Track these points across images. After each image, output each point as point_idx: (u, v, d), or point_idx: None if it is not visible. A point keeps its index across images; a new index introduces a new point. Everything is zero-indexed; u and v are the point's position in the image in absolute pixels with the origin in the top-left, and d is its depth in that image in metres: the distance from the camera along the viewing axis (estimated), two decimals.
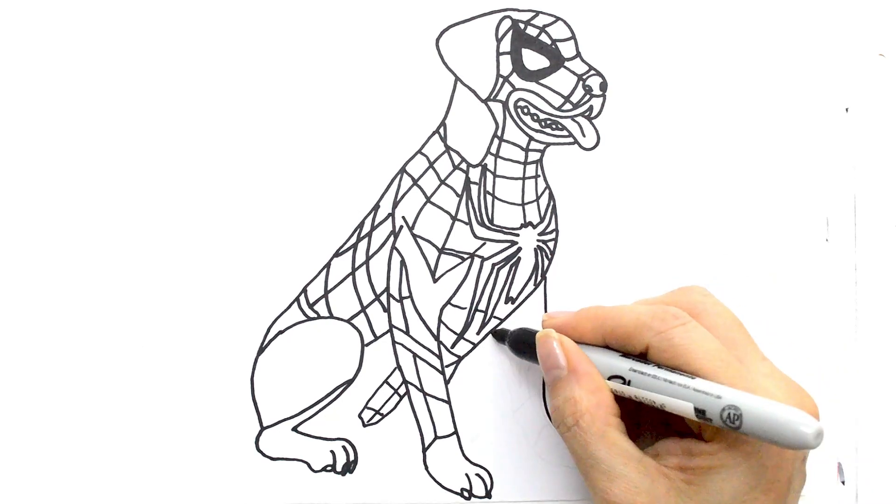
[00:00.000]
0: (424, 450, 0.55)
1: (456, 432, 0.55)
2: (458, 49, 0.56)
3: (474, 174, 0.55)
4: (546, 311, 0.55)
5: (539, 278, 0.56)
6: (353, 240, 0.55)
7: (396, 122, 0.55)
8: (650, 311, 0.48)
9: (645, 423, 0.51)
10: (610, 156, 0.56)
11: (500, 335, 0.55)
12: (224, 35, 0.55)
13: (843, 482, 0.56)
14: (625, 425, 0.47)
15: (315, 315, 0.55)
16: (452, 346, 0.55)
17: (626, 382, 0.47)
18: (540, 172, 0.56)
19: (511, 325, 0.55)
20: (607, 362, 0.48)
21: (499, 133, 0.55)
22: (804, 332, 0.56)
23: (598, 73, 0.56)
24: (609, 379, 0.48)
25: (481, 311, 0.55)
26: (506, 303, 0.55)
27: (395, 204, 0.55)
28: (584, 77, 0.56)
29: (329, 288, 0.55)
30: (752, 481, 0.44)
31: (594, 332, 0.49)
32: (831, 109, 0.57)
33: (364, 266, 0.55)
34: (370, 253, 0.55)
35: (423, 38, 0.56)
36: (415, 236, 0.55)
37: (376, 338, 0.55)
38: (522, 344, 0.53)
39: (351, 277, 0.55)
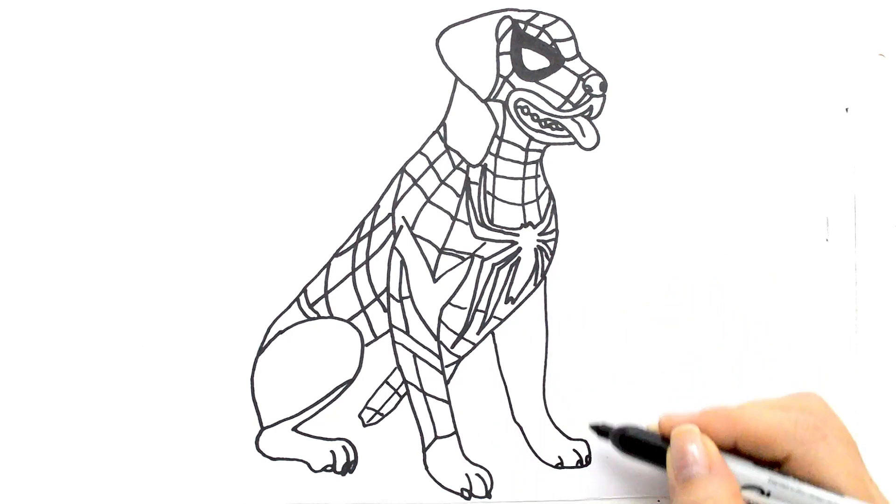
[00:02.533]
0: (424, 450, 0.55)
1: (456, 432, 0.55)
2: (458, 49, 0.56)
3: (474, 174, 0.55)
4: (546, 311, 0.55)
5: (539, 278, 0.56)
6: (353, 240, 0.55)
7: (396, 122, 0.55)
8: (793, 420, 0.46)
9: None
10: (610, 156, 0.56)
11: (601, 431, 0.51)
12: (224, 35, 0.55)
13: None
14: None
15: (315, 315, 0.55)
16: (452, 346, 0.55)
17: (765, 494, 0.46)
18: (540, 172, 0.56)
19: (512, 324, 0.55)
20: (743, 472, 0.47)
21: (499, 133, 0.55)
22: (804, 332, 0.56)
23: (598, 73, 0.56)
24: (743, 489, 0.46)
25: (481, 311, 0.55)
26: (506, 303, 0.55)
27: (395, 204, 0.55)
28: (584, 77, 0.56)
29: (329, 288, 0.55)
30: None
31: (726, 433, 0.47)
32: (831, 109, 0.57)
33: (364, 266, 0.55)
34: (370, 253, 0.55)
35: (423, 38, 0.56)
36: (415, 236, 0.55)
37: (376, 338, 0.55)
38: (634, 441, 0.50)
39: (351, 277, 0.55)
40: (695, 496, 0.46)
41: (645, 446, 0.49)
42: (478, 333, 0.55)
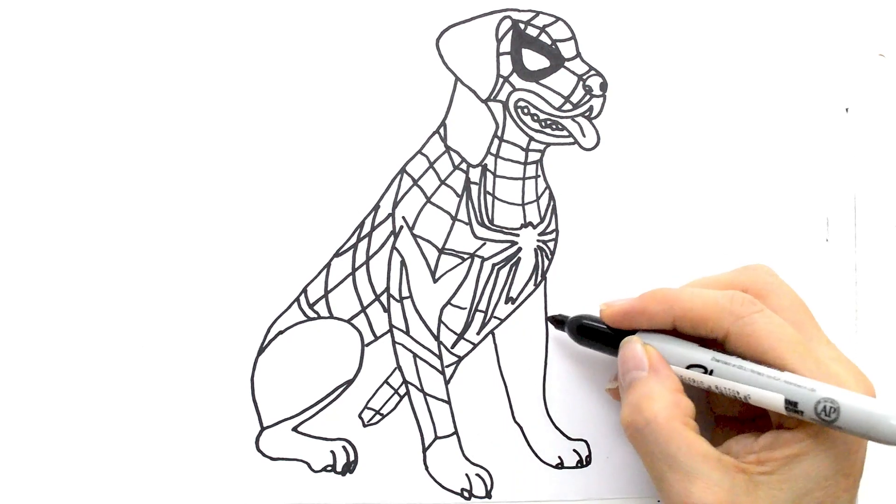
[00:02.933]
0: (424, 450, 0.55)
1: (456, 432, 0.55)
2: (459, 49, 0.56)
3: (474, 174, 0.55)
4: (546, 311, 0.55)
5: (539, 278, 0.56)
6: (354, 240, 0.55)
7: (396, 122, 0.55)
8: (728, 296, 0.47)
9: (717, 412, 0.51)
10: (610, 156, 0.56)
11: (558, 321, 0.54)
12: (224, 35, 0.55)
13: None
14: (698, 429, 0.47)
15: (315, 315, 0.55)
16: (452, 347, 0.55)
17: (708, 372, 0.47)
18: (540, 172, 0.56)
19: (512, 324, 0.55)
20: (686, 352, 0.48)
21: (499, 133, 0.56)
22: None
23: (598, 74, 0.56)
24: (688, 368, 0.47)
25: (481, 311, 0.55)
26: (506, 303, 0.56)
27: (396, 204, 0.55)
28: (584, 77, 0.56)
29: (329, 288, 0.55)
30: (835, 465, 0.44)
31: (663, 315, 0.48)
32: (831, 109, 0.57)
33: (364, 266, 0.55)
34: (370, 253, 0.55)
35: (423, 38, 0.56)
36: (415, 236, 0.55)
37: (376, 338, 0.55)
38: (588, 331, 0.52)
39: (351, 277, 0.55)
40: (635, 396, 0.47)
41: (598, 334, 0.51)
42: (478, 333, 0.55)
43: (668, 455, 0.45)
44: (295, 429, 0.54)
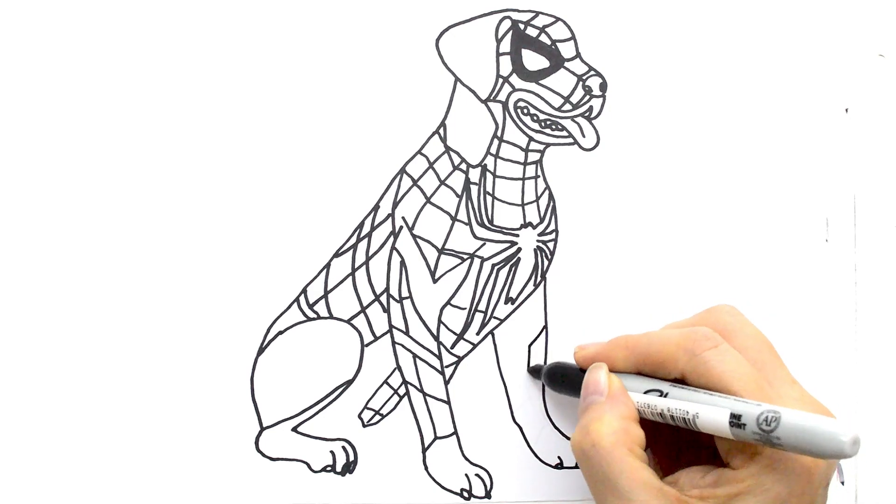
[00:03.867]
0: (424, 450, 0.55)
1: (456, 432, 0.55)
2: (458, 49, 0.56)
3: (474, 175, 0.55)
4: (546, 311, 0.55)
5: (539, 279, 0.56)
6: (353, 240, 0.55)
7: (396, 122, 0.55)
8: (682, 334, 0.47)
9: (665, 455, 0.51)
10: (610, 156, 0.56)
11: (535, 371, 0.55)
12: (224, 35, 0.55)
13: (842, 482, 0.56)
14: (649, 459, 0.47)
15: (315, 315, 0.55)
16: (452, 347, 0.55)
17: (664, 395, 0.47)
18: (540, 173, 0.56)
19: (511, 325, 0.55)
20: (646, 385, 0.48)
21: (498, 133, 0.55)
22: (804, 332, 0.56)
23: (598, 74, 0.56)
24: (646, 393, 0.47)
25: (481, 311, 0.55)
26: (505, 303, 0.56)
27: (395, 204, 0.55)
28: (584, 77, 0.56)
29: (329, 288, 0.55)
30: None
31: (626, 360, 0.49)
32: (831, 109, 0.57)
33: (364, 266, 0.55)
34: (370, 253, 0.55)
35: (423, 38, 0.56)
36: (415, 237, 0.55)
37: (376, 338, 0.55)
38: (560, 377, 0.53)
39: (351, 278, 0.55)
40: (586, 419, 0.47)
41: (569, 380, 0.52)
42: (477, 334, 0.55)
43: (610, 479, 0.45)
44: (294, 429, 0.54)
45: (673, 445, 0.51)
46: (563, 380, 0.53)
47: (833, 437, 0.40)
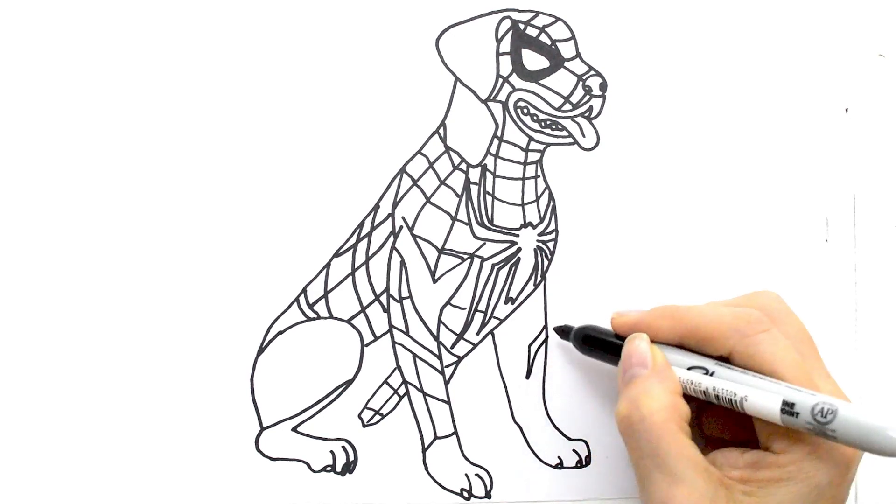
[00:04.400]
0: (424, 450, 0.55)
1: (456, 432, 0.55)
2: (458, 49, 0.56)
3: (474, 174, 0.55)
4: (546, 311, 0.55)
5: (539, 278, 0.56)
6: (353, 240, 0.55)
7: (396, 122, 0.55)
8: (734, 314, 0.47)
9: (706, 433, 0.51)
10: (610, 156, 0.56)
11: (563, 331, 0.54)
12: (224, 35, 0.55)
13: None
14: (692, 434, 0.46)
15: (315, 315, 0.55)
16: (452, 347, 0.55)
17: (710, 374, 0.46)
18: (540, 173, 0.56)
19: (511, 324, 0.55)
20: (690, 357, 0.48)
21: (498, 133, 0.56)
22: None
23: (598, 74, 0.56)
24: (689, 369, 0.47)
25: (481, 311, 0.55)
26: (505, 303, 0.56)
27: (395, 204, 0.55)
28: (584, 77, 0.56)
29: (329, 288, 0.55)
30: (815, 495, 0.44)
31: (671, 331, 0.48)
32: (831, 109, 0.57)
33: (364, 266, 0.55)
34: (370, 253, 0.55)
35: (423, 38, 0.56)
36: (415, 236, 0.55)
37: (376, 338, 0.55)
38: (593, 341, 0.52)
39: (351, 278, 0.55)
40: (633, 392, 0.47)
41: (602, 344, 0.51)
42: (477, 334, 0.55)
43: (658, 455, 0.45)
44: (294, 429, 0.54)
45: (698, 421, 0.50)
46: (597, 344, 0.52)
47: (888, 433, 0.40)
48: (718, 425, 0.51)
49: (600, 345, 0.52)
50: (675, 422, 0.45)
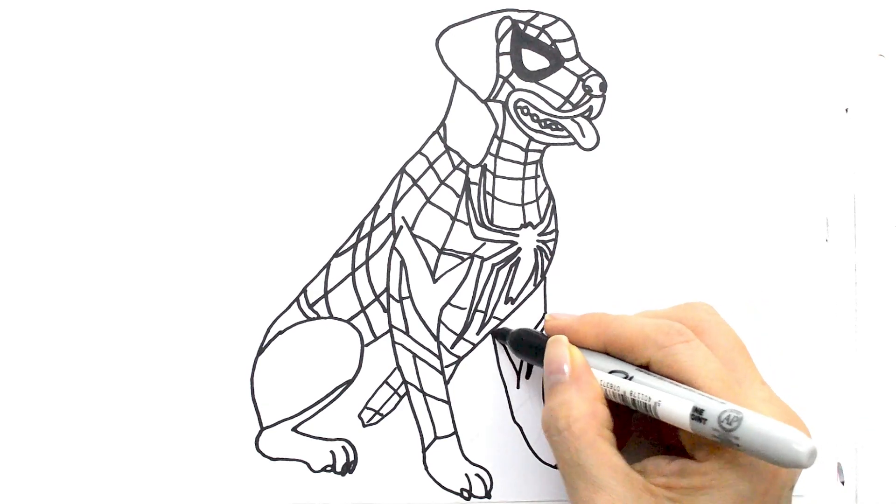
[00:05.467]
0: (424, 450, 0.55)
1: (456, 432, 0.55)
2: (458, 49, 0.56)
3: (474, 174, 0.55)
4: (546, 311, 0.56)
5: (539, 278, 0.56)
6: (353, 240, 0.55)
7: (396, 122, 0.55)
8: (654, 325, 0.47)
9: (634, 439, 0.51)
10: (610, 156, 0.56)
11: (500, 334, 0.55)
12: (224, 35, 0.55)
13: (842, 482, 0.56)
14: (615, 440, 0.47)
15: (315, 315, 0.55)
16: (452, 347, 0.55)
17: (629, 378, 0.47)
18: (540, 173, 0.56)
19: (511, 324, 0.55)
20: (612, 365, 0.48)
21: (498, 133, 0.56)
22: (804, 333, 0.56)
23: (598, 74, 0.56)
24: (610, 373, 0.48)
25: (481, 311, 0.55)
26: (505, 303, 0.56)
27: (395, 204, 0.55)
28: (584, 77, 0.56)
29: (329, 288, 0.55)
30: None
31: (596, 338, 0.49)
32: (831, 109, 0.57)
33: (364, 266, 0.55)
34: (370, 253, 0.55)
35: (423, 38, 0.56)
36: (415, 237, 0.55)
37: (376, 338, 0.55)
38: (523, 344, 0.53)
39: (351, 278, 0.55)
40: (554, 402, 0.48)
41: (533, 347, 0.52)
42: (477, 334, 0.55)
43: (579, 464, 0.45)
44: (294, 429, 0.54)
45: (628, 423, 0.51)
46: (528, 348, 0.53)
47: (790, 446, 0.40)
48: (654, 431, 0.51)
49: (533, 349, 0.52)
50: (595, 429, 0.46)
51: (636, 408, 0.46)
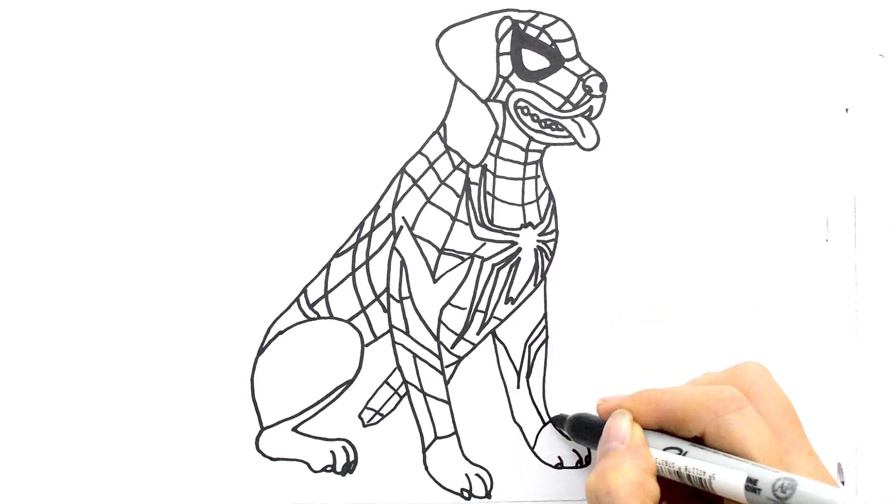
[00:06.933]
0: (424, 450, 0.55)
1: (456, 432, 0.55)
2: (458, 49, 0.56)
3: (474, 174, 0.55)
4: (546, 310, 0.55)
5: (539, 278, 0.56)
6: (353, 240, 0.55)
7: (396, 122, 0.55)
8: (707, 393, 0.47)
9: None
10: (610, 156, 0.56)
11: (558, 421, 0.55)
12: (224, 35, 0.55)
13: (842, 482, 0.56)
14: None
15: (315, 315, 0.55)
16: (452, 347, 0.55)
17: (683, 453, 0.46)
18: (540, 173, 0.56)
19: (511, 327, 0.55)
20: (666, 442, 0.48)
21: (499, 133, 0.56)
22: (804, 332, 0.56)
23: (598, 74, 0.56)
24: (665, 450, 0.47)
25: (481, 311, 0.55)
26: (506, 303, 0.56)
27: (395, 204, 0.55)
28: (584, 77, 0.56)
29: (329, 288, 0.55)
30: None
31: (649, 416, 0.48)
32: (831, 109, 0.57)
33: (364, 266, 0.55)
34: (370, 253, 0.55)
35: (423, 38, 0.56)
36: (415, 237, 0.55)
37: (376, 338, 0.55)
38: (583, 428, 0.52)
39: (351, 278, 0.55)
40: (605, 465, 0.47)
41: (593, 431, 0.51)
42: (477, 334, 0.55)
43: None
44: (295, 429, 0.54)
45: None
46: (587, 432, 0.52)
47: None
48: None
49: (592, 432, 0.51)
50: (640, 498, 0.45)
51: (692, 483, 0.46)
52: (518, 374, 0.55)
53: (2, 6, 0.54)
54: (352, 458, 0.54)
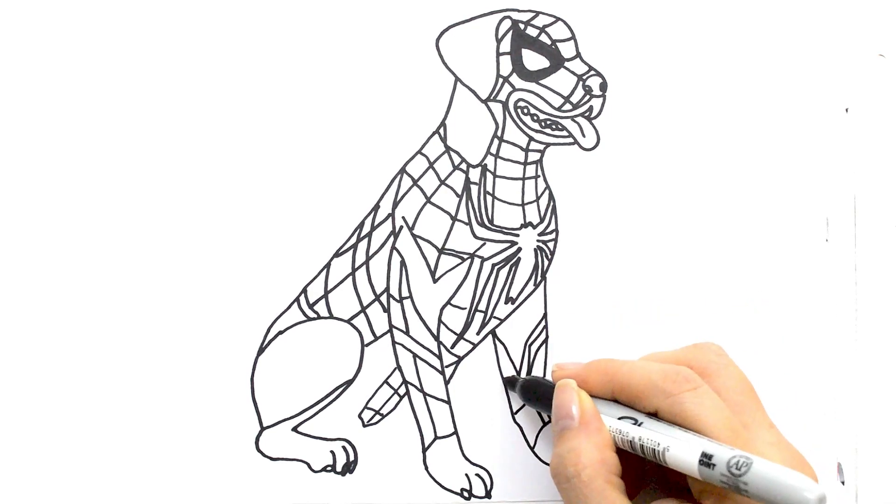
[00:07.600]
0: (424, 450, 0.55)
1: (456, 432, 0.55)
2: (458, 49, 0.56)
3: (474, 174, 0.55)
4: (546, 310, 0.56)
5: (539, 278, 0.56)
6: (353, 240, 0.55)
7: (396, 122, 0.55)
8: (661, 372, 0.47)
9: (643, 486, 0.51)
10: (610, 156, 0.56)
11: (510, 382, 0.55)
12: (224, 35, 0.55)
13: (842, 482, 0.56)
14: (625, 486, 0.46)
15: (315, 315, 0.55)
16: (452, 347, 0.55)
17: (639, 424, 0.46)
18: (540, 173, 0.56)
19: (510, 328, 0.55)
20: (620, 411, 0.48)
21: (499, 133, 0.56)
22: (804, 332, 0.56)
23: (598, 74, 0.56)
24: (620, 419, 0.47)
25: (481, 311, 0.55)
26: (506, 303, 0.56)
27: (395, 204, 0.55)
28: (584, 77, 0.56)
29: (329, 288, 0.55)
30: None
31: (603, 386, 0.49)
32: (831, 109, 0.57)
33: (364, 266, 0.55)
34: (370, 253, 0.55)
35: (423, 38, 0.56)
36: (415, 236, 0.55)
37: (376, 338, 0.55)
38: (533, 393, 0.53)
39: (351, 278, 0.55)
40: (563, 447, 0.47)
41: (544, 398, 0.51)
42: (478, 334, 0.55)
43: None
44: (295, 429, 0.54)
45: (642, 471, 0.50)
46: (538, 397, 0.52)
47: (799, 493, 0.39)
48: (665, 479, 0.51)
49: (544, 398, 0.51)
50: (603, 477, 0.45)
51: (645, 454, 0.46)
52: (518, 373, 0.55)
53: (2, 6, 0.54)
54: (352, 458, 0.54)
